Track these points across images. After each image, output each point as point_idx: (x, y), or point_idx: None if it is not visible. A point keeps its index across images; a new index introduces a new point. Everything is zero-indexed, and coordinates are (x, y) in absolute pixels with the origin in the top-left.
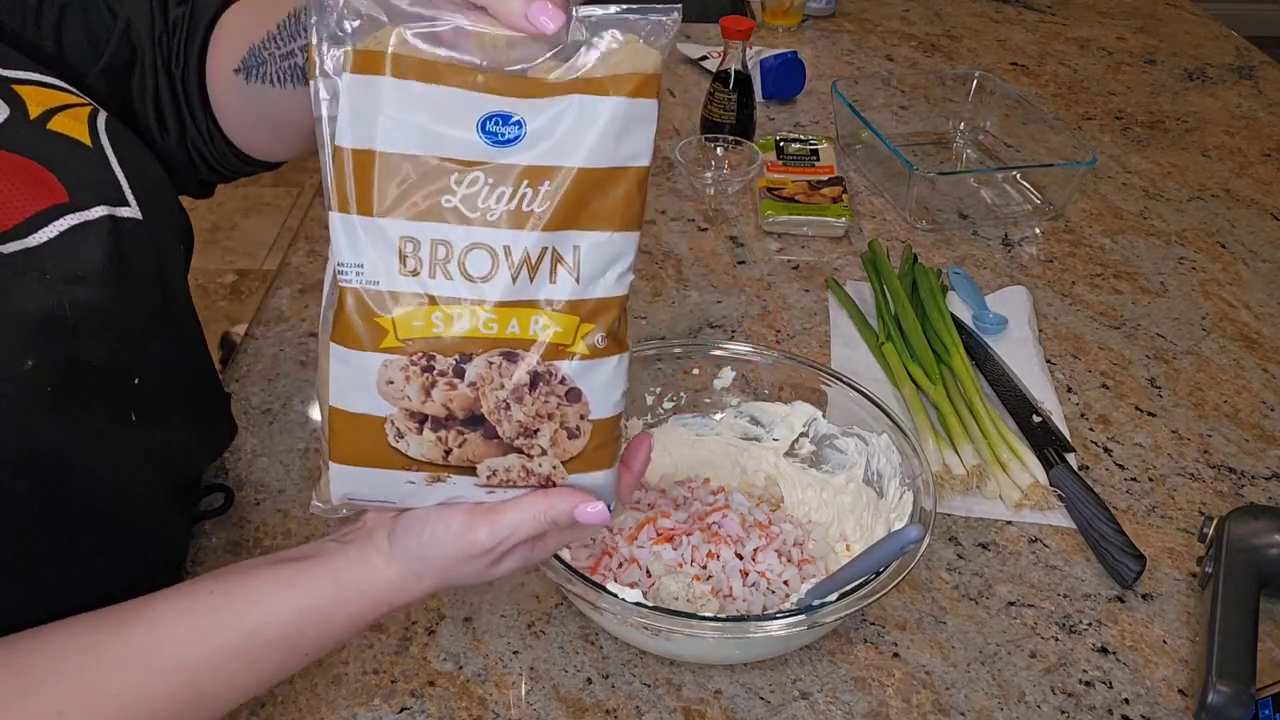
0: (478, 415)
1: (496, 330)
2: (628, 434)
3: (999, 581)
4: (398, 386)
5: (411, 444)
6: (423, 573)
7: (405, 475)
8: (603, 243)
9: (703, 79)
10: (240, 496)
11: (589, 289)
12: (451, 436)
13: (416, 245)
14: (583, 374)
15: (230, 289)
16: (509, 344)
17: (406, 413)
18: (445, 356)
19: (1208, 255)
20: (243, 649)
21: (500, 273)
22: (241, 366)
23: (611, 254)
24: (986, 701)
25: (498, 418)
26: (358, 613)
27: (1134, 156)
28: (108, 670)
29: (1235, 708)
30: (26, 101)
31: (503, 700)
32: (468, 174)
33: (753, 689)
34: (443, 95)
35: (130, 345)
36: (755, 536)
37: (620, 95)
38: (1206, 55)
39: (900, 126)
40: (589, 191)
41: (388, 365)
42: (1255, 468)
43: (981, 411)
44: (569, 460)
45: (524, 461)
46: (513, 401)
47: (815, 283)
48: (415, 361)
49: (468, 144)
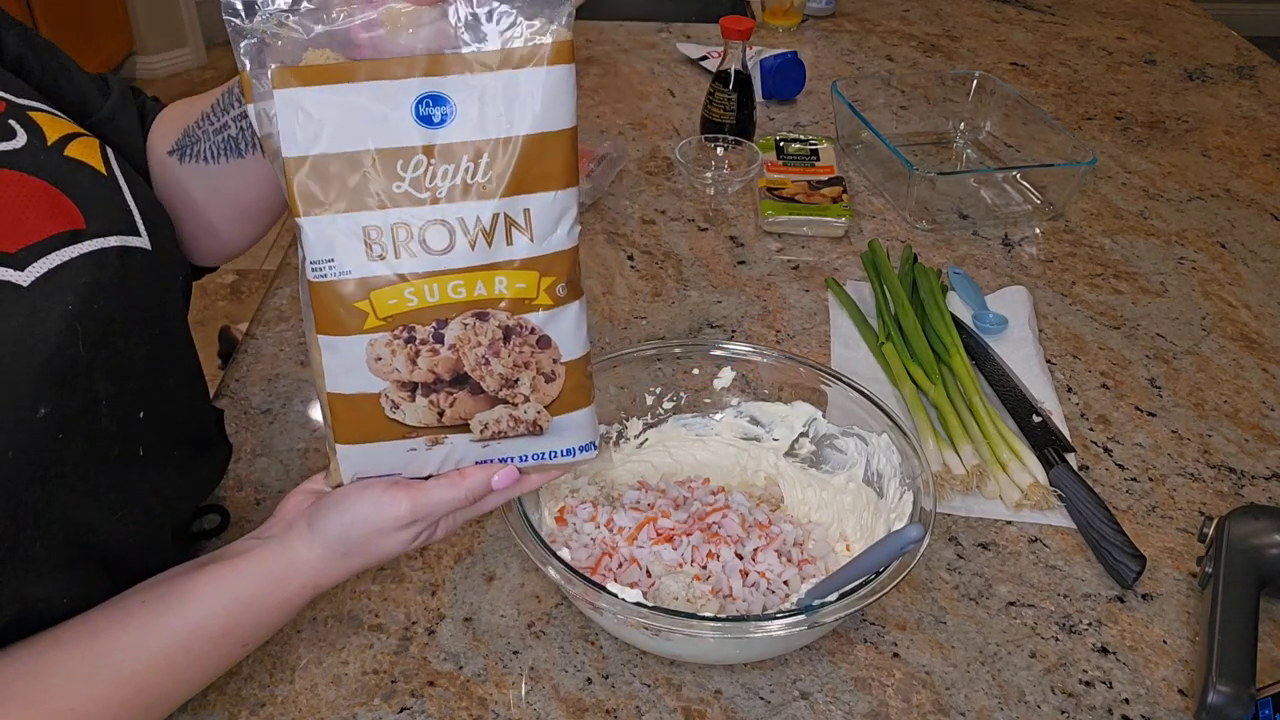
0: (462, 374)
1: (465, 294)
2: (628, 433)
3: (999, 581)
4: (386, 361)
5: (407, 412)
6: (347, 550)
7: (406, 444)
8: (549, 202)
9: (703, 79)
10: (240, 496)
11: (543, 245)
12: (442, 398)
13: (380, 232)
14: (549, 322)
15: (230, 289)
16: (479, 305)
17: (398, 384)
18: (424, 326)
19: (1208, 255)
20: (186, 646)
21: (459, 243)
22: (241, 366)
23: (559, 211)
24: (986, 701)
25: (480, 373)
26: (286, 598)
27: (1134, 156)
28: (57, 685)
29: (1235, 708)
30: (43, 128)
31: (503, 700)
32: (411, 158)
33: (753, 689)
34: (370, 90)
35: (135, 378)
36: (755, 536)
37: (541, 66)
38: (1206, 55)
39: (900, 126)
40: (529, 158)
41: (374, 344)
42: (1255, 468)
43: (981, 411)
44: (550, 404)
45: (510, 410)
46: (491, 356)
47: (815, 283)
48: (397, 335)
49: (403, 131)
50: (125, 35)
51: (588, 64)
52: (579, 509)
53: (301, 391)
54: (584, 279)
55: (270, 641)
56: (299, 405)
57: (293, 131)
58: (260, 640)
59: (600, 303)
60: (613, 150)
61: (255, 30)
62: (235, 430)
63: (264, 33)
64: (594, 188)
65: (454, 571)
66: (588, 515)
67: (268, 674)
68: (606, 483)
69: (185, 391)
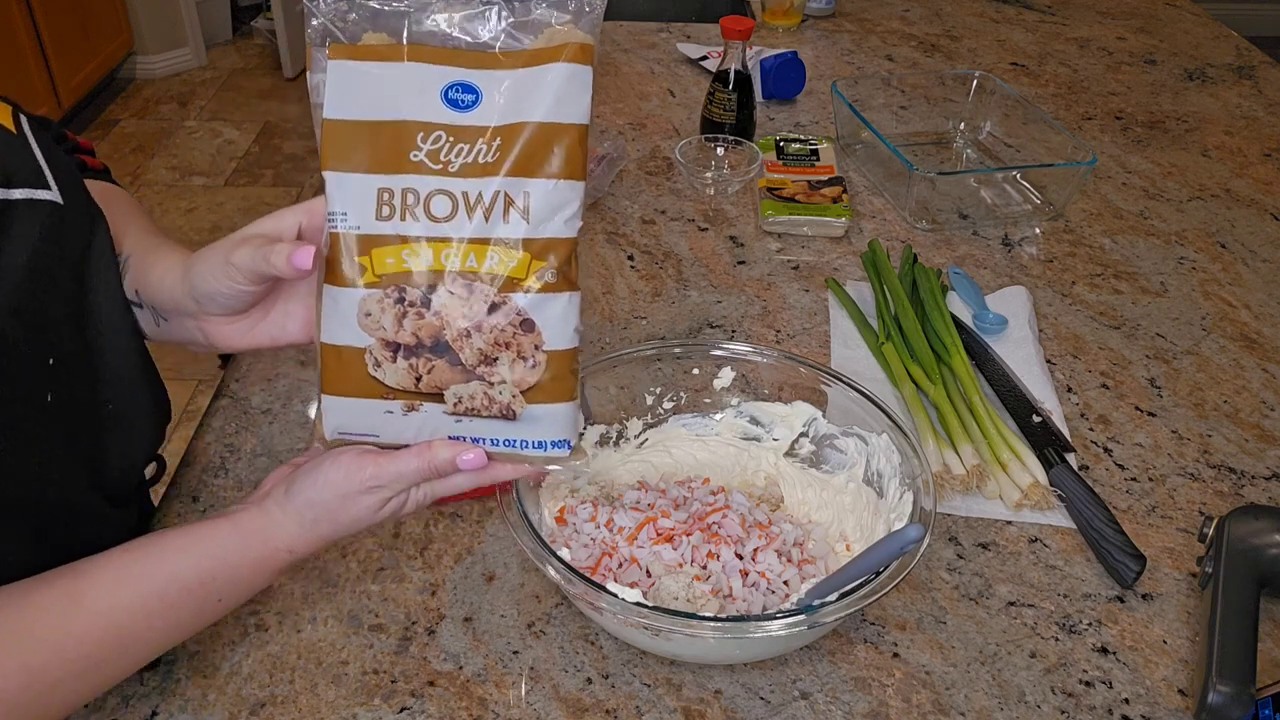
0: (443, 343)
1: (458, 265)
2: (628, 433)
3: (999, 581)
4: (374, 318)
5: (388, 372)
6: (316, 516)
7: (384, 405)
8: (550, 190)
9: (703, 79)
10: (240, 497)
11: (539, 229)
12: (421, 364)
13: (391, 194)
14: (536, 306)
15: None
16: (468, 276)
17: (383, 343)
18: (414, 289)
19: (1208, 255)
20: (161, 592)
21: (459, 214)
22: (241, 366)
23: (559, 200)
24: (986, 701)
25: (460, 345)
26: (262, 558)
27: (1134, 156)
28: (34, 614)
29: (1235, 708)
30: None
31: (503, 700)
32: (431, 133)
33: (753, 689)
34: (410, 71)
35: (47, 329)
36: (755, 536)
37: (560, 62)
38: (1206, 55)
39: (900, 126)
40: (536, 145)
41: (366, 299)
42: (1255, 468)
43: (981, 411)
44: (528, 390)
45: (485, 389)
46: (473, 330)
47: (815, 283)
48: (389, 294)
49: (431, 109)
50: (125, 35)
51: None
52: (579, 509)
53: (301, 391)
54: (584, 279)
55: (270, 641)
56: (299, 405)
57: (336, 96)
58: (237, 599)
59: (600, 303)
60: (613, 150)
61: (323, 12)
62: (235, 430)
63: (331, 16)
64: (594, 188)
65: (454, 571)
66: (588, 515)
67: (268, 674)
68: (606, 483)
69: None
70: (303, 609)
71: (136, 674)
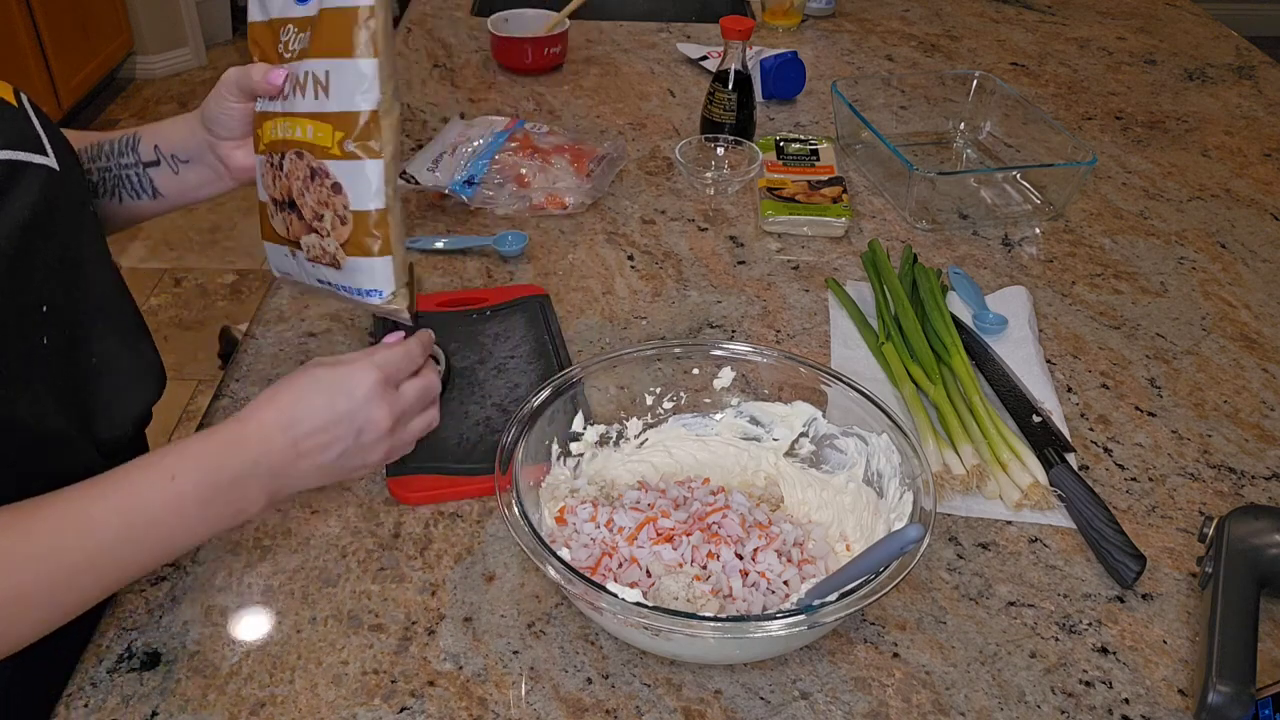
0: (291, 199)
1: (290, 135)
2: (628, 433)
3: (999, 581)
4: (265, 178)
5: (277, 223)
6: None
7: (284, 248)
8: (345, 67)
9: (703, 79)
10: None
11: (338, 104)
12: (287, 216)
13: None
14: (341, 171)
15: (230, 289)
16: (299, 145)
17: (271, 199)
18: (276, 154)
19: (1208, 255)
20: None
21: (295, 93)
22: (241, 366)
23: (354, 76)
24: (986, 701)
25: (301, 201)
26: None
27: (1134, 156)
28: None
29: (1235, 708)
30: None
31: (503, 700)
32: (285, 26)
33: (753, 689)
34: None
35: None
36: (755, 536)
37: None
38: (1206, 55)
39: (900, 126)
40: (332, 29)
41: (261, 162)
42: (1255, 468)
43: (981, 411)
44: (345, 244)
45: (319, 240)
46: (305, 190)
47: (815, 283)
48: (268, 160)
49: (289, 7)
50: (125, 35)
51: (588, 64)
52: (579, 509)
53: None
54: (584, 279)
55: (270, 641)
56: None
57: (251, 5)
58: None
59: (600, 302)
60: (613, 150)
61: None
62: None
63: None
64: (594, 188)
65: (454, 571)
66: (588, 515)
67: (268, 674)
68: (606, 483)
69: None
70: (303, 609)
71: (137, 674)
